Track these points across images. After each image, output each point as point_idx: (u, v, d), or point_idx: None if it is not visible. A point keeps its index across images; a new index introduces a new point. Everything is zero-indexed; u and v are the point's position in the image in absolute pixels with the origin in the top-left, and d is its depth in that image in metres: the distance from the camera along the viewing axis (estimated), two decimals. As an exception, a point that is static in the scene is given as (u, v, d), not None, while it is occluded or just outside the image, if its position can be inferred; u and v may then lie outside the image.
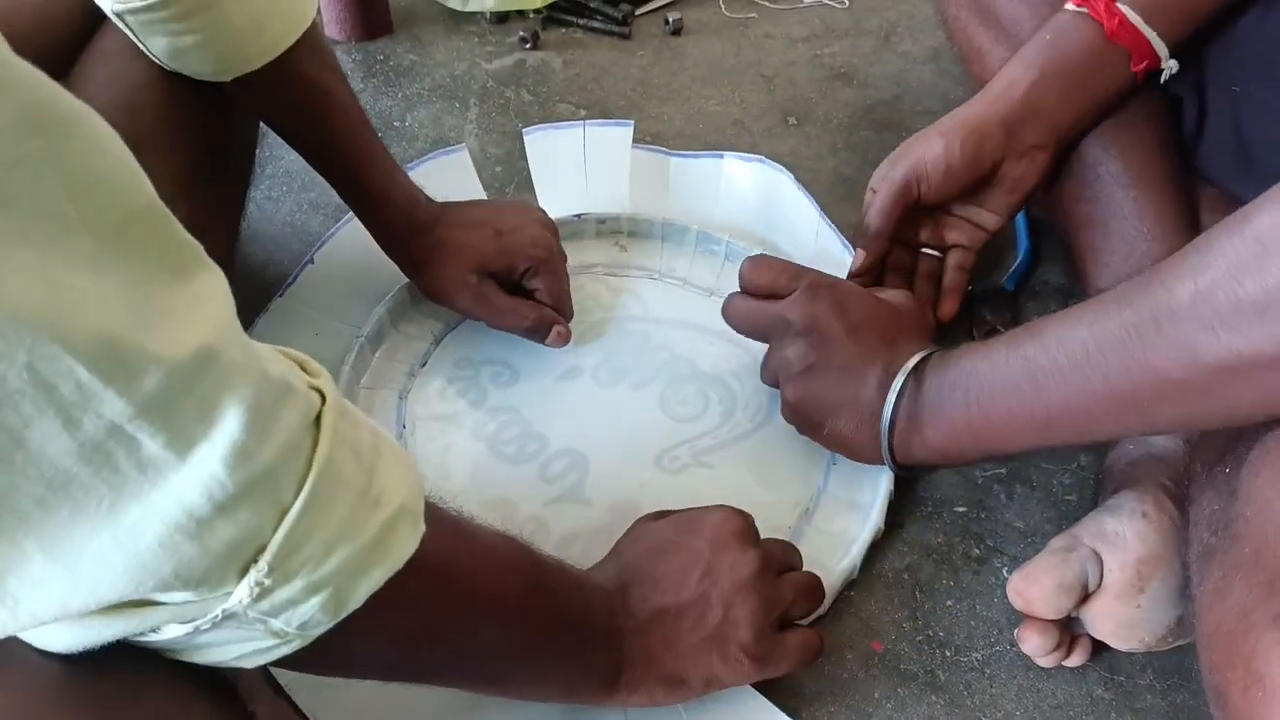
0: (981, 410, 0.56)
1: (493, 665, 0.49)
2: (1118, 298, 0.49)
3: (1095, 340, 0.49)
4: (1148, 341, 0.46)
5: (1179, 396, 0.47)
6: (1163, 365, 0.46)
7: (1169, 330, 0.45)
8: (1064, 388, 0.51)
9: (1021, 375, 0.53)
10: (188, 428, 0.32)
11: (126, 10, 0.55)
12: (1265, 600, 0.42)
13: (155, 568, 0.33)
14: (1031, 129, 0.68)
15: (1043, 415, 0.53)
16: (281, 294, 0.78)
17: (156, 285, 0.32)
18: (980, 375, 0.56)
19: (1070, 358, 0.50)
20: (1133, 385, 0.48)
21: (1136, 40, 0.65)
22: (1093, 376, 0.49)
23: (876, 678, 0.62)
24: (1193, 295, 0.44)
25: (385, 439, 0.41)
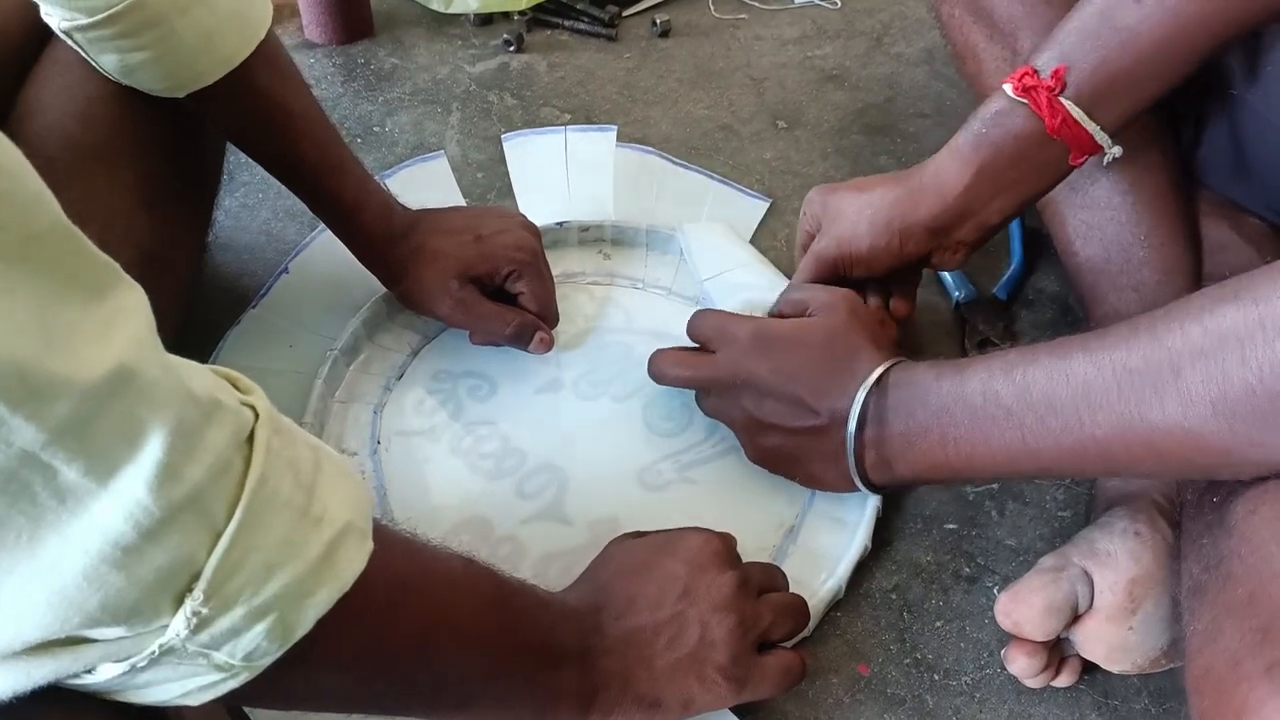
0: (961, 458, 0.55)
1: (457, 691, 0.48)
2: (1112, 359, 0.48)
3: (1088, 403, 0.48)
4: (1148, 419, 0.46)
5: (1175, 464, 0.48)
6: (1163, 443, 0.46)
7: (1172, 409, 0.45)
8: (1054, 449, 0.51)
9: (1010, 435, 0.52)
10: (108, 452, 0.30)
11: (74, 28, 0.54)
12: (1258, 649, 0.40)
13: (80, 602, 0.31)
14: (961, 230, 0.67)
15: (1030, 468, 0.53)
16: (255, 305, 0.77)
17: (67, 306, 0.30)
18: (960, 424, 0.54)
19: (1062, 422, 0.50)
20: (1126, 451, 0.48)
21: (1078, 135, 0.61)
22: (1084, 440, 0.49)
23: (863, 702, 0.60)
24: (1205, 379, 0.44)
25: (328, 455, 0.40)
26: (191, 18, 0.56)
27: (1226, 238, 0.70)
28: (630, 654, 0.52)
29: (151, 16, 0.55)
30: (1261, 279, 0.44)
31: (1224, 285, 0.45)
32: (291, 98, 0.64)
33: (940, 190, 0.65)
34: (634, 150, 0.90)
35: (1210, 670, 0.43)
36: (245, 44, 0.60)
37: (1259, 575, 0.43)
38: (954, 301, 0.81)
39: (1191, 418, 0.45)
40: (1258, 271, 0.44)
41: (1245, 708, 0.40)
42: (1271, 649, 0.40)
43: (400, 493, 0.67)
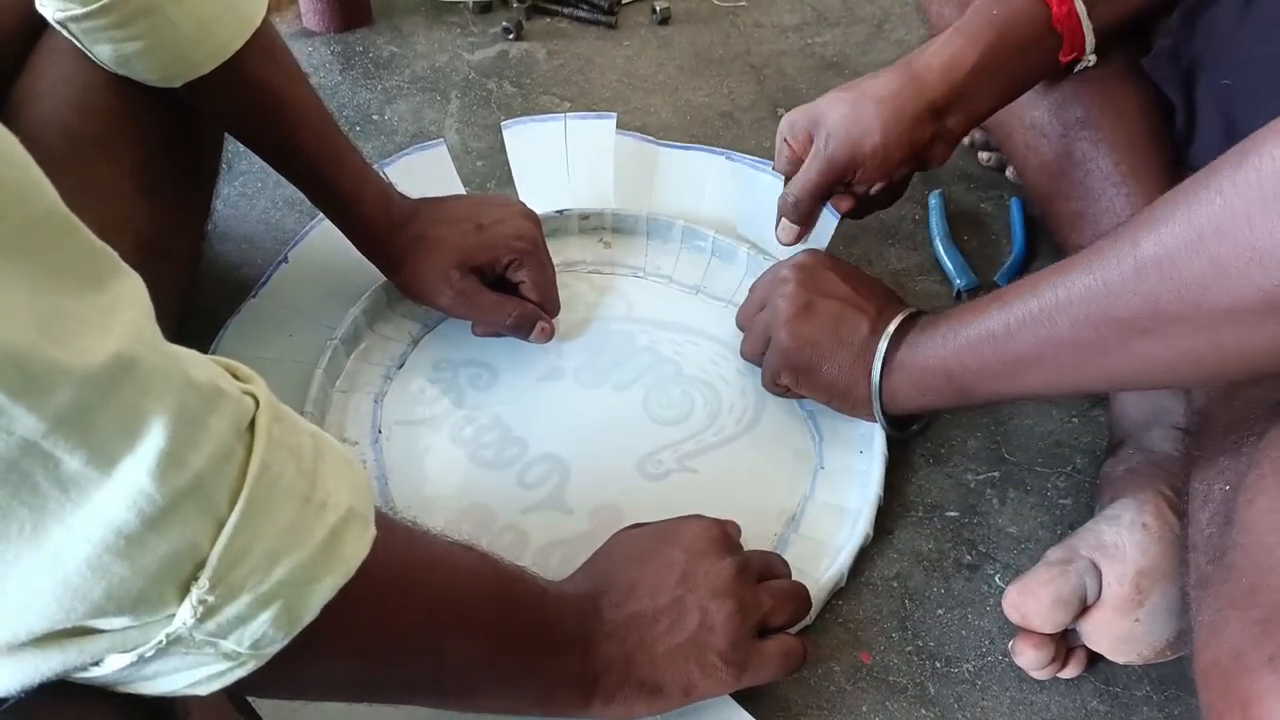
0: (958, 356, 0.58)
1: (460, 678, 0.48)
2: (1087, 253, 0.50)
3: (1065, 290, 0.50)
4: (1111, 291, 0.48)
5: (1139, 347, 0.48)
6: (1125, 315, 0.47)
7: (1131, 283, 0.46)
8: (1033, 334, 0.52)
9: (996, 323, 0.55)
10: (109, 441, 0.30)
11: (69, 18, 0.54)
12: (1260, 641, 0.40)
13: (85, 591, 0.31)
14: (957, 115, 0.68)
15: (1013, 360, 0.55)
16: (254, 294, 0.76)
17: (65, 294, 0.30)
18: (963, 323, 0.57)
19: (1041, 305, 0.52)
20: (1096, 333, 0.49)
21: (1074, 30, 0.65)
22: (1060, 324, 0.51)
23: (864, 690, 0.60)
24: (1156, 251, 0.45)
25: (328, 442, 0.39)
26: (186, 7, 0.56)
27: None
28: (630, 640, 0.53)
29: (145, 5, 0.54)
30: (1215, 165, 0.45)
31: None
32: (288, 87, 0.63)
33: (948, 68, 0.66)
34: (632, 138, 0.90)
35: (1216, 663, 0.43)
36: (240, 32, 0.59)
37: (1259, 567, 0.43)
38: (955, 290, 0.80)
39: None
40: None
41: (1250, 699, 0.40)
42: (1273, 641, 0.40)
43: (401, 482, 0.67)
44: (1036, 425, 0.73)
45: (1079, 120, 0.71)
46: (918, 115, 0.67)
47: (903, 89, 0.67)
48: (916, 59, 0.68)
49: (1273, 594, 0.42)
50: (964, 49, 0.66)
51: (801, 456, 0.69)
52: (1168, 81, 0.69)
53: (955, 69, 0.66)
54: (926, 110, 0.67)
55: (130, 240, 0.58)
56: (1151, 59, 0.69)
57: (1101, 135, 0.70)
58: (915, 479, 0.70)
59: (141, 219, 0.59)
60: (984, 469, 0.70)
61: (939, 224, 0.85)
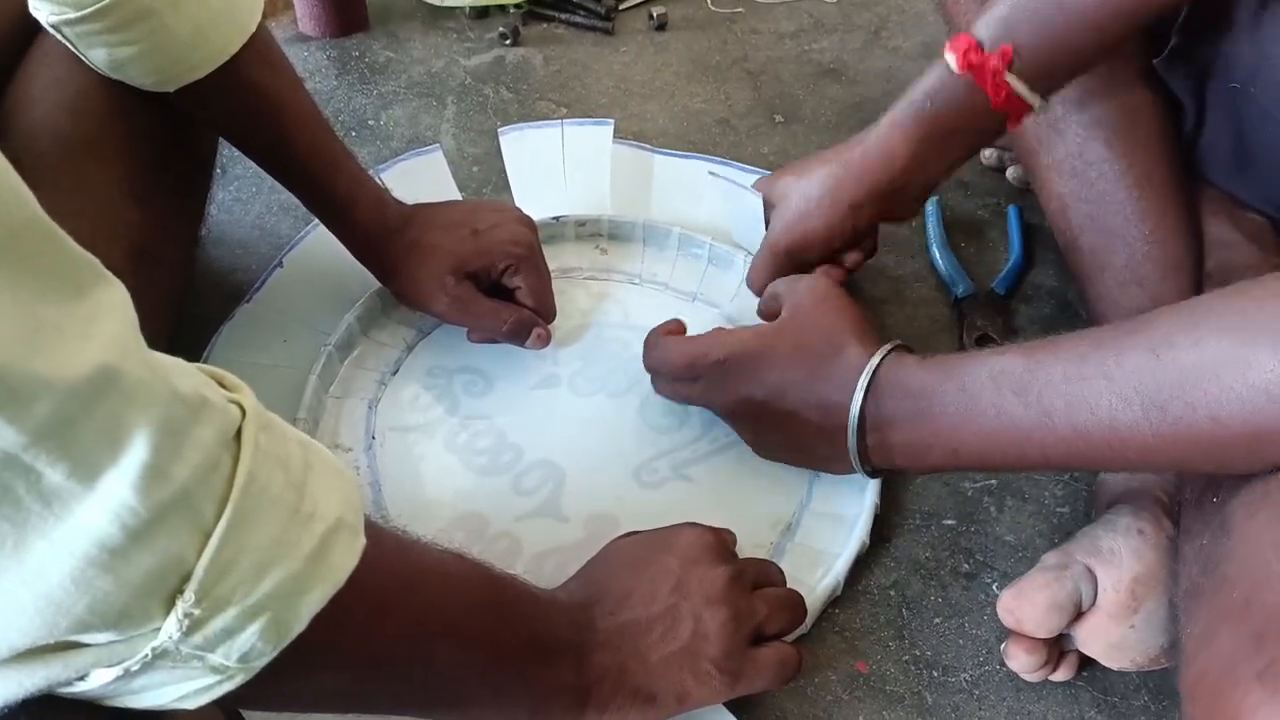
0: (971, 459, 0.56)
1: (452, 688, 0.47)
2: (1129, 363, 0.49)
3: (1103, 400, 0.49)
4: (1153, 411, 0.47)
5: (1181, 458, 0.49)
6: (1173, 434, 0.47)
7: (1180, 408, 0.46)
8: (1056, 447, 0.52)
9: (1025, 447, 0.53)
10: (92, 454, 0.30)
11: (63, 22, 0.54)
12: (1251, 654, 0.40)
13: (69, 606, 0.30)
14: (908, 191, 0.69)
15: (1035, 461, 0.54)
16: (249, 299, 0.76)
17: (46, 304, 0.29)
18: (968, 439, 0.55)
19: (1072, 425, 0.51)
20: (1140, 445, 0.49)
21: (1017, 107, 0.64)
22: (1095, 432, 0.50)
23: (861, 700, 0.60)
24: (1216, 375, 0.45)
25: (317, 451, 0.39)
26: (182, 11, 0.55)
27: (1227, 234, 0.69)
28: (624, 648, 0.52)
29: (141, 10, 0.54)
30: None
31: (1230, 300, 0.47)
32: (284, 91, 0.63)
33: (886, 162, 0.67)
34: (629, 146, 0.90)
35: (1204, 676, 0.43)
36: (236, 37, 0.59)
37: (1254, 580, 0.43)
38: (953, 297, 0.80)
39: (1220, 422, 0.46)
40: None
41: (1239, 714, 0.40)
42: (1264, 654, 0.40)
43: (395, 489, 0.67)
44: (1034, 433, 0.72)
45: (1095, 121, 0.71)
46: (858, 205, 0.69)
47: (842, 181, 0.69)
48: (855, 149, 0.69)
49: (1266, 608, 0.42)
50: (899, 144, 0.67)
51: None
52: (1179, 81, 0.69)
53: (892, 164, 0.67)
54: (868, 199, 0.68)
55: (123, 245, 0.58)
56: (1164, 59, 0.69)
57: (1116, 138, 0.69)
58: (912, 487, 0.69)
59: (134, 224, 0.59)
60: (981, 477, 0.70)
61: (936, 231, 0.84)
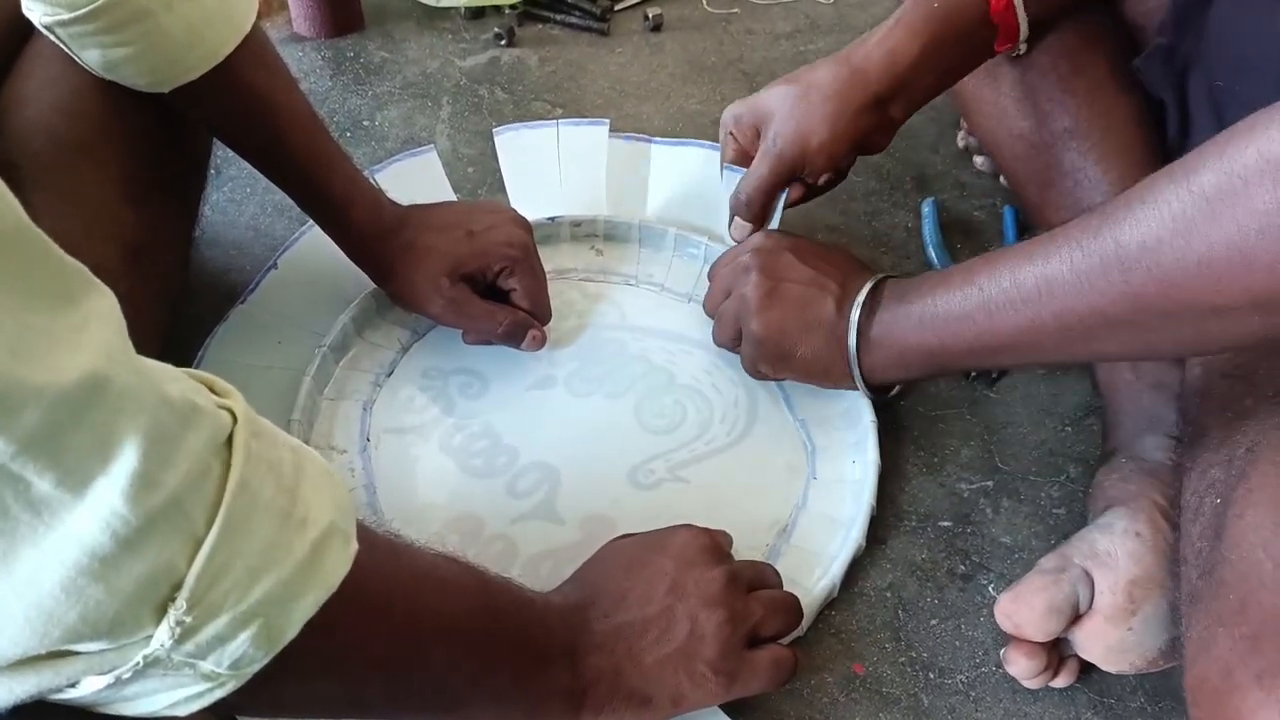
0: (938, 335, 0.58)
1: (446, 693, 0.47)
2: (1068, 239, 0.50)
3: (1046, 280, 0.51)
4: (1095, 286, 0.48)
5: (1123, 334, 0.50)
6: (1109, 309, 0.48)
7: (1116, 278, 0.47)
8: (1015, 320, 0.53)
9: (975, 305, 0.55)
10: (81, 462, 0.30)
11: (56, 23, 0.53)
12: (1248, 658, 0.40)
13: (60, 616, 0.30)
14: (899, 104, 0.69)
15: (995, 343, 0.56)
16: (243, 300, 0.76)
17: (34, 312, 0.29)
18: (938, 302, 0.58)
19: (1022, 293, 0.52)
20: (1080, 322, 0.50)
21: (1009, 23, 0.67)
22: (1042, 312, 0.52)
23: (857, 702, 0.60)
24: (1140, 248, 0.46)
25: (309, 456, 0.39)
26: (176, 12, 0.55)
27: None
28: (619, 650, 0.52)
29: (135, 11, 0.54)
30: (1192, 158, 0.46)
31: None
32: (278, 92, 0.63)
33: (890, 61, 0.67)
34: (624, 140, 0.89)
35: (1205, 680, 0.43)
36: (230, 38, 0.59)
37: (1248, 582, 0.43)
38: None
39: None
40: None
41: (1239, 717, 0.40)
42: (1261, 657, 0.40)
43: (390, 491, 0.67)
44: (1030, 434, 0.72)
45: (1066, 130, 0.71)
46: (861, 108, 0.68)
47: (846, 83, 0.68)
48: (857, 51, 0.69)
49: (1261, 610, 0.42)
50: (905, 41, 0.67)
51: (794, 467, 0.68)
52: (1160, 82, 0.69)
53: (897, 62, 0.67)
54: (870, 102, 0.68)
55: (117, 247, 0.58)
56: (1144, 60, 0.69)
57: (1090, 144, 0.70)
58: (908, 488, 0.69)
59: (128, 225, 0.58)
60: (977, 478, 0.70)
61: (932, 232, 0.84)
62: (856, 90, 0.68)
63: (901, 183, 0.90)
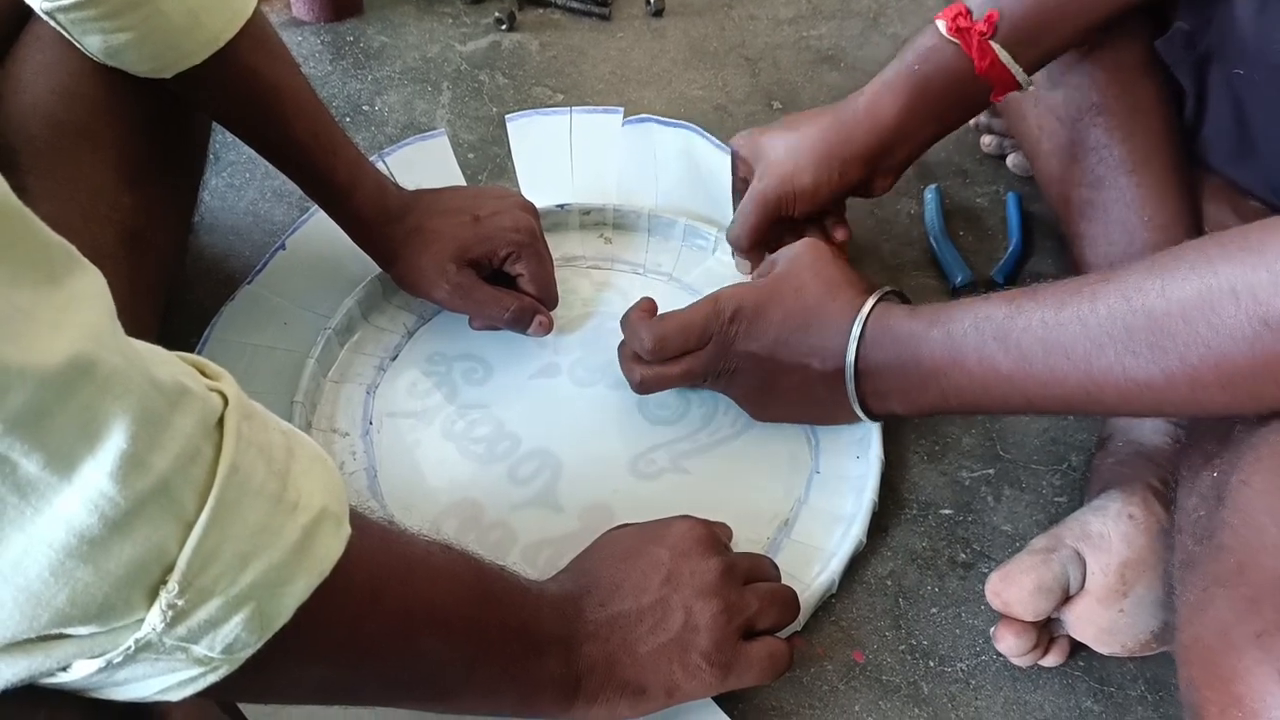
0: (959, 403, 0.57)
1: (438, 679, 0.47)
2: (1103, 308, 0.50)
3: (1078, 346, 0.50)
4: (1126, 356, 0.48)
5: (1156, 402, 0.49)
6: (1146, 378, 0.48)
7: (1150, 352, 0.47)
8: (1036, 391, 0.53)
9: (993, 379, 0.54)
10: (68, 444, 0.29)
11: (57, 9, 0.53)
12: (1246, 617, 0.40)
13: (48, 599, 0.30)
14: (894, 155, 0.70)
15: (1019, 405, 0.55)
16: (250, 281, 0.75)
17: (19, 291, 0.29)
18: (955, 380, 0.56)
19: (1050, 369, 0.52)
20: (1116, 390, 0.50)
21: (1002, 76, 0.65)
22: (1071, 376, 0.51)
23: (857, 690, 0.60)
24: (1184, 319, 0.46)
25: (300, 440, 0.39)
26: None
27: (1228, 221, 0.69)
28: (613, 640, 0.52)
29: None
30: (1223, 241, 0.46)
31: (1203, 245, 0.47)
32: (281, 77, 0.62)
33: (874, 121, 0.68)
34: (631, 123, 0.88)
35: (1199, 639, 0.43)
36: (232, 22, 0.58)
37: (1249, 546, 0.43)
38: (952, 285, 0.80)
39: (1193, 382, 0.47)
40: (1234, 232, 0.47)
41: (1234, 675, 0.40)
42: (1260, 617, 0.40)
43: (391, 475, 0.66)
44: (1032, 422, 0.72)
45: (1094, 106, 0.71)
46: (847, 161, 0.69)
47: (833, 138, 0.69)
48: (846, 108, 0.70)
49: (1262, 572, 0.42)
50: (888, 104, 0.67)
51: (797, 460, 0.68)
52: (1180, 66, 0.69)
53: (880, 124, 0.68)
54: (856, 158, 0.69)
55: (114, 231, 0.57)
56: (1166, 41, 0.68)
57: (1116, 122, 0.69)
58: (910, 476, 0.69)
59: (126, 209, 0.58)
60: (979, 466, 0.70)
61: (935, 219, 0.84)
62: (842, 147, 0.69)
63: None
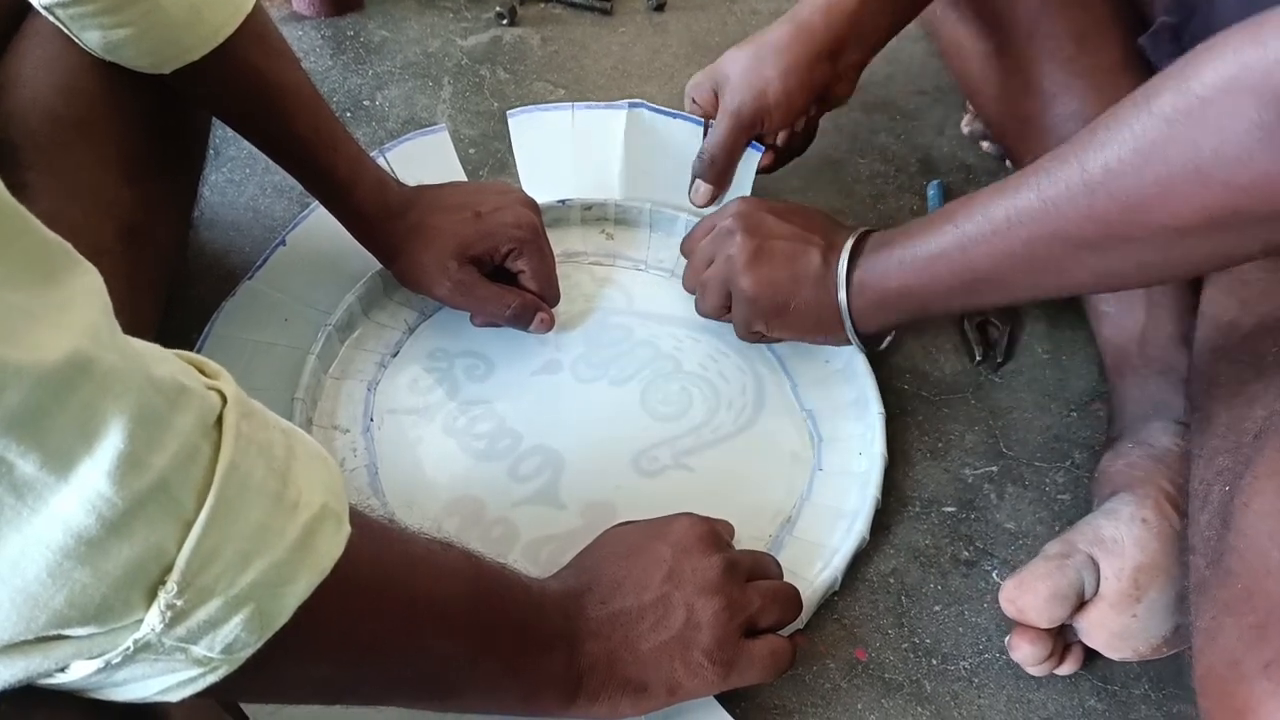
0: (918, 275, 0.59)
1: (440, 678, 0.47)
2: (1037, 169, 0.52)
3: (1015, 210, 0.52)
4: (1061, 211, 0.50)
5: (1090, 260, 0.51)
6: (1075, 234, 0.50)
7: (1081, 203, 0.48)
8: (988, 252, 0.55)
9: (950, 242, 0.57)
10: (65, 444, 0.29)
11: (56, 4, 0.53)
12: (1255, 647, 0.40)
13: (46, 600, 0.30)
14: (851, 54, 0.73)
15: (970, 278, 0.57)
16: (251, 277, 0.75)
17: (15, 289, 0.29)
18: (917, 243, 0.59)
19: (993, 225, 0.54)
20: (1047, 250, 0.52)
21: None
22: (1013, 242, 0.53)
23: (860, 688, 0.60)
24: (1103, 171, 0.47)
25: (300, 438, 0.38)
26: None
27: None
28: (615, 637, 0.52)
29: None
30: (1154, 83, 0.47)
31: None
32: (281, 73, 0.62)
33: (829, 18, 0.71)
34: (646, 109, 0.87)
35: (1211, 670, 0.42)
36: (232, 18, 0.58)
37: (1254, 571, 0.43)
38: None
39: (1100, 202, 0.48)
40: None
41: (1246, 707, 0.40)
42: (1268, 647, 0.40)
43: (392, 472, 0.66)
44: (1035, 419, 0.72)
45: (1073, 114, 0.70)
46: (812, 60, 0.72)
47: (794, 38, 0.72)
48: (800, 9, 0.73)
49: (1268, 599, 0.42)
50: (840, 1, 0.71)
51: (799, 457, 0.68)
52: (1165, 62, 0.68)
53: (836, 18, 0.71)
54: (819, 55, 0.72)
55: (114, 226, 0.57)
56: (1150, 37, 0.68)
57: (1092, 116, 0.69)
58: (913, 474, 0.69)
59: (126, 205, 0.58)
60: (982, 464, 0.70)
61: (937, 216, 0.84)
62: (804, 45, 0.71)
63: (907, 165, 0.89)
